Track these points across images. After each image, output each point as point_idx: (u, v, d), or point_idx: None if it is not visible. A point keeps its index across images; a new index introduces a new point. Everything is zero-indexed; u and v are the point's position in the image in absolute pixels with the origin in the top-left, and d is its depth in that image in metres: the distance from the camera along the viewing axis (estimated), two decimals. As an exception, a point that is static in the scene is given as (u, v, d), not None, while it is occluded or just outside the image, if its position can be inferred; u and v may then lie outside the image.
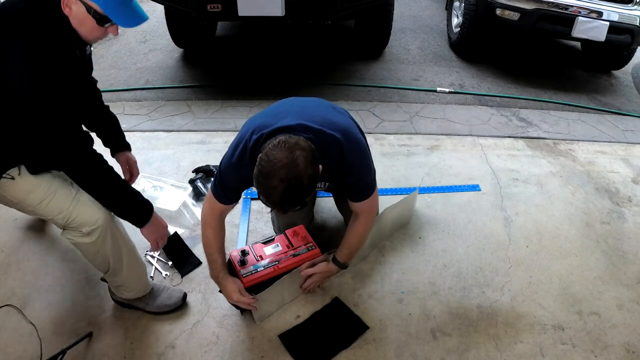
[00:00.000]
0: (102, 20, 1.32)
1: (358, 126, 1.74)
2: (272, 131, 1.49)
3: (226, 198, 1.67)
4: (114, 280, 1.72)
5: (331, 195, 2.22)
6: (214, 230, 1.71)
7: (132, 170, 1.93)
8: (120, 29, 1.40)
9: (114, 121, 1.87)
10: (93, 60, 1.70)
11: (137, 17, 1.37)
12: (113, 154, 1.90)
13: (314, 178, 1.40)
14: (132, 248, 1.70)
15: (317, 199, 2.32)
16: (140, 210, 1.59)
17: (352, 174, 1.62)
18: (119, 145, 1.89)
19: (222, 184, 1.64)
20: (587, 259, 2.15)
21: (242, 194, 1.76)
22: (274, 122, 1.51)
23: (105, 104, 1.86)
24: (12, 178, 1.46)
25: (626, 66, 4.20)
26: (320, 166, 1.45)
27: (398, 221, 2.22)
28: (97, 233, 1.53)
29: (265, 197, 1.40)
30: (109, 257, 1.62)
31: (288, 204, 1.41)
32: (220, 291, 1.79)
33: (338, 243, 1.85)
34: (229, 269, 1.82)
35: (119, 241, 1.62)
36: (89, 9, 1.29)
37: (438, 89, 3.68)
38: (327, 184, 1.77)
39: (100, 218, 1.52)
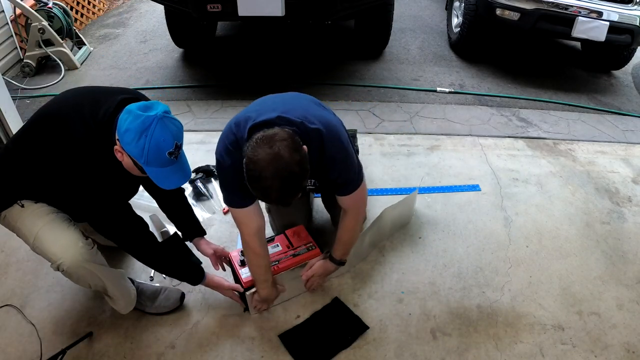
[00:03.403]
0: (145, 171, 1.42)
1: (341, 122, 1.71)
2: (253, 126, 1.46)
3: (245, 200, 1.60)
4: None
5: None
6: (256, 252, 1.67)
7: (218, 257, 1.90)
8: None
9: (187, 212, 1.90)
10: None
11: (175, 180, 1.44)
12: (186, 240, 1.94)
13: (303, 162, 1.37)
14: (115, 278, 1.69)
15: (316, 199, 2.32)
16: (188, 277, 1.75)
17: (334, 168, 1.59)
18: (192, 233, 1.91)
19: (230, 191, 1.60)
20: (587, 259, 2.15)
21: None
22: (256, 117, 1.49)
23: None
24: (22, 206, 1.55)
25: (626, 66, 4.19)
26: (305, 147, 1.42)
27: (398, 221, 2.22)
28: (63, 268, 1.53)
29: (264, 198, 1.39)
30: (88, 284, 1.63)
31: (288, 197, 1.38)
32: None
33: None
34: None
35: (96, 276, 1.61)
36: (135, 162, 1.39)
37: (438, 89, 3.68)
38: (313, 181, 1.75)
39: (66, 259, 1.52)
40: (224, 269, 1.90)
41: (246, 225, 1.64)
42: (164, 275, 2.00)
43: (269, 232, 2.20)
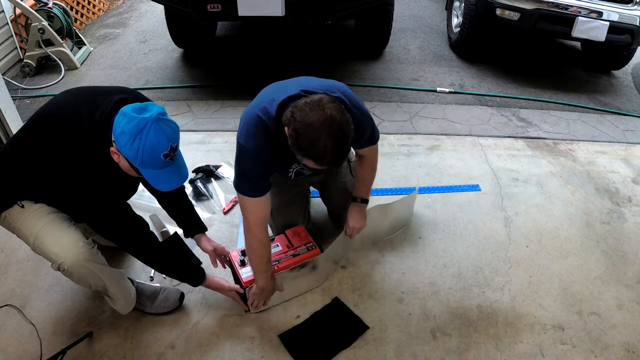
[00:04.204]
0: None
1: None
2: (282, 102, 1.49)
3: (262, 188, 1.62)
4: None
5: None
6: (260, 240, 1.67)
7: (218, 255, 1.90)
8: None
9: (188, 208, 1.91)
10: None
11: (172, 181, 1.44)
12: (187, 236, 1.93)
13: (350, 122, 1.42)
14: (115, 277, 1.68)
15: (314, 199, 2.32)
16: (188, 278, 1.75)
17: (360, 128, 1.66)
18: (193, 229, 1.91)
19: (247, 179, 1.60)
20: (587, 259, 2.15)
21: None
22: (279, 96, 1.52)
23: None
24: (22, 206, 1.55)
25: (626, 66, 4.19)
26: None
27: (396, 220, 2.21)
28: (64, 268, 1.53)
29: (318, 160, 1.40)
30: (89, 284, 1.63)
31: (342, 157, 1.42)
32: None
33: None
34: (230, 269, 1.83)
35: (97, 276, 1.61)
36: (130, 164, 1.39)
37: (438, 89, 3.68)
38: None
39: (67, 258, 1.52)
40: (223, 267, 1.90)
41: (254, 214, 1.65)
42: (164, 275, 2.00)
43: (269, 232, 2.20)
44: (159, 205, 1.94)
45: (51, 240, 1.52)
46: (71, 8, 4.51)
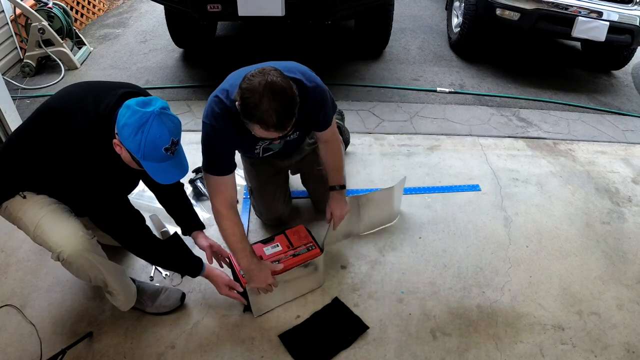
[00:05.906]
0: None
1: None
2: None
3: (226, 168, 1.70)
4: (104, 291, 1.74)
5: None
6: (230, 219, 1.70)
7: (215, 253, 1.90)
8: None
9: (186, 205, 1.91)
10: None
11: (172, 175, 1.46)
12: (184, 233, 1.92)
13: (294, 89, 1.48)
14: (115, 272, 1.68)
15: (315, 200, 2.33)
16: (187, 268, 1.77)
17: (315, 110, 1.76)
18: (190, 226, 1.90)
19: (213, 157, 1.70)
20: (587, 259, 2.15)
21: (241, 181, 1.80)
22: (237, 82, 1.54)
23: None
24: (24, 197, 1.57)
25: (626, 66, 4.20)
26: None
27: (376, 214, 2.19)
28: (63, 257, 1.53)
29: (264, 123, 1.44)
30: (88, 277, 1.63)
31: (285, 119, 1.46)
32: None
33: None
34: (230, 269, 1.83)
35: (97, 267, 1.60)
36: (132, 156, 1.41)
37: (438, 89, 3.68)
38: (297, 132, 1.87)
39: (67, 247, 1.52)
40: (220, 265, 1.90)
41: (220, 194, 1.71)
42: (164, 275, 2.00)
43: (263, 231, 2.20)
44: (159, 206, 1.94)
45: (51, 229, 1.53)
46: (71, 8, 4.51)
